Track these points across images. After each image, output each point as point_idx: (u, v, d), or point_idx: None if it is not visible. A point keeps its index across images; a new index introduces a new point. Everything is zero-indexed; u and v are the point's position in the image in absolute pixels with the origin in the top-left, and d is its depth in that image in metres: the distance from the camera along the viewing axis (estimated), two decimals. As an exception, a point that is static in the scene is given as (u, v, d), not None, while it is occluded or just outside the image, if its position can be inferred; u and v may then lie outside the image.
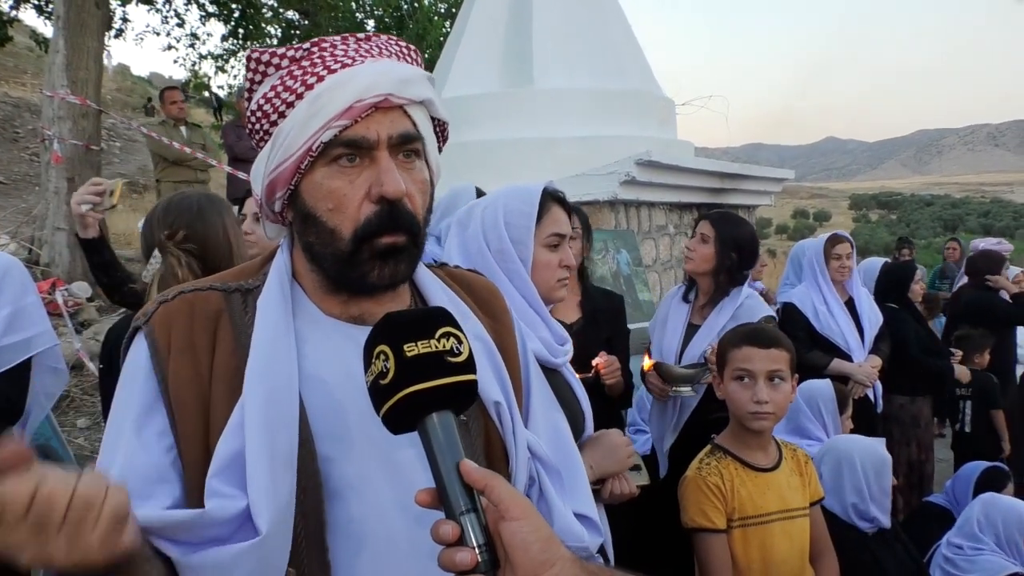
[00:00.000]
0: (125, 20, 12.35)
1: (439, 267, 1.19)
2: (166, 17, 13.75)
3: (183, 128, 7.33)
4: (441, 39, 13.28)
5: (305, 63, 0.98)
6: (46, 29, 12.31)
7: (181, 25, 14.17)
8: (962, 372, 4.43)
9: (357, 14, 15.02)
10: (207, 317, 0.98)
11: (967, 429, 4.68)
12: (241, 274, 1.07)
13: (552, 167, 5.52)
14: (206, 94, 16.33)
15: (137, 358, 0.97)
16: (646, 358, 2.87)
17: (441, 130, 1.08)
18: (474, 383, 0.83)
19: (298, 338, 0.98)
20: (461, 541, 0.76)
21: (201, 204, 2.16)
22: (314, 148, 0.95)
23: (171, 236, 2.07)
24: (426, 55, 13.88)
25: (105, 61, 9.96)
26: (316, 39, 1.00)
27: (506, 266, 1.74)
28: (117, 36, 12.40)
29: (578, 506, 1.13)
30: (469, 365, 0.83)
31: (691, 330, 3.08)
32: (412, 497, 0.93)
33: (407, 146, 0.98)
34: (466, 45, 6.56)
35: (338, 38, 1.01)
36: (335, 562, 0.93)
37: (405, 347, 0.80)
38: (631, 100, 6.34)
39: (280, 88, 0.97)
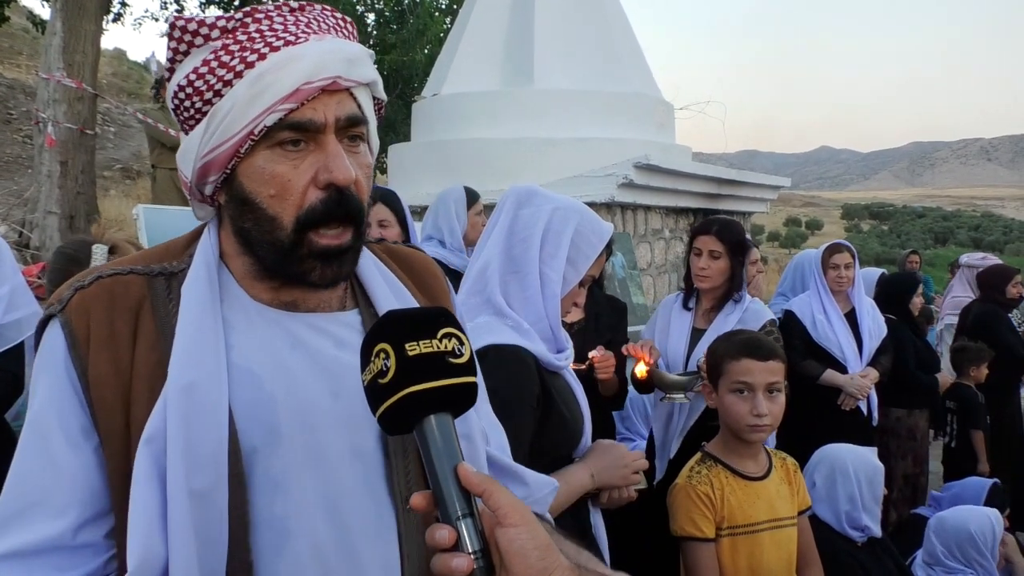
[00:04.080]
0: (124, 4, 12.24)
1: (376, 243, 1.14)
2: (165, 3, 13.69)
3: (182, 115, 7.28)
4: (441, 35, 13.23)
5: (241, 36, 0.91)
6: (43, 11, 12.21)
7: (180, 11, 14.12)
8: (943, 379, 4.41)
9: (357, 7, 14.95)
10: (128, 307, 0.92)
11: (952, 444, 4.70)
12: (165, 254, 1.00)
13: (550, 168, 5.52)
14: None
15: (54, 350, 0.90)
16: (640, 364, 2.85)
17: (379, 108, 1.02)
18: (475, 385, 0.81)
19: (225, 326, 0.93)
20: (457, 547, 0.75)
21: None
22: (256, 132, 0.89)
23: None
24: (426, 51, 13.85)
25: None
26: (248, 8, 0.93)
27: (545, 270, 1.72)
28: (115, 20, 12.29)
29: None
30: (470, 367, 0.81)
31: (696, 335, 3.08)
32: (338, 494, 0.92)
33: (353, 130, 0.94)
34: (467, 43, 6.54)
35: (272, 7, 0.94)
36: (257, 561, 0.88)
37: (407, 346, 0.78)
38: (631, 103, 6.33)
39: (215, 64, 0.90)
